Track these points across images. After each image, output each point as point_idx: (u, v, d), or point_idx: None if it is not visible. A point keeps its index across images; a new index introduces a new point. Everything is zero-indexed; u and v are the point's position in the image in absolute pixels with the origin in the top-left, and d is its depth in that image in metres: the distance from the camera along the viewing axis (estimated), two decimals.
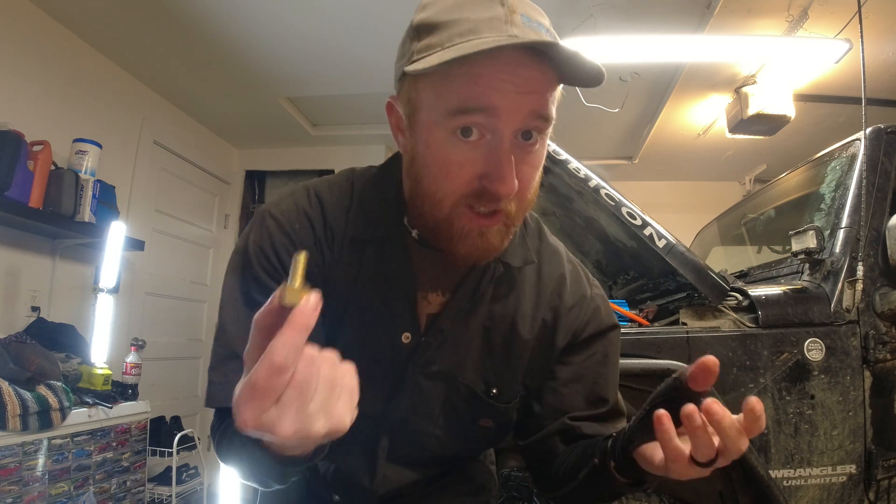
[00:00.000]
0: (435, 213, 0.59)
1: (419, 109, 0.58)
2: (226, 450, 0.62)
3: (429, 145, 0.57)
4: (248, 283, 0.65)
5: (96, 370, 2.07)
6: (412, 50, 0.56)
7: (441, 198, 0.58)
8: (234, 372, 0.61)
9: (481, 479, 0.87)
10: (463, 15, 0.54)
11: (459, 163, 0.56)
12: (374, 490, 0.74)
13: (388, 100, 0.64)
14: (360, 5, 2.30)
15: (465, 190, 0.57)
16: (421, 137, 0.58)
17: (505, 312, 0.71)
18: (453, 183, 0.56)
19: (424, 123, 0.57)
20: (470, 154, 0.55)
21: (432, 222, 0.60)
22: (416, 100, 0.58)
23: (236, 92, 3.11)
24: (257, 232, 0.67)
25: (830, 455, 1.23)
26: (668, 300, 1.55)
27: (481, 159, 0.55)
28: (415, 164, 0.60)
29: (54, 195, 2.14)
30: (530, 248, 0.72)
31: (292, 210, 0.68)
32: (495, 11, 0.53)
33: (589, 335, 0.73)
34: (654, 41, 2.31)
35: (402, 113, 0.61)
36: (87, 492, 1.84)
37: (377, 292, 0.68)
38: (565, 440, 0.71)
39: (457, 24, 0.53)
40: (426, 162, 0.58)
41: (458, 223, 0.58)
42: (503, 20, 0.53)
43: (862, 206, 1.37)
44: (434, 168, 0.57)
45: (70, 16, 2.39)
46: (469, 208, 0.57)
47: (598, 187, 1.33)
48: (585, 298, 0.74)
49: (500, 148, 0.55)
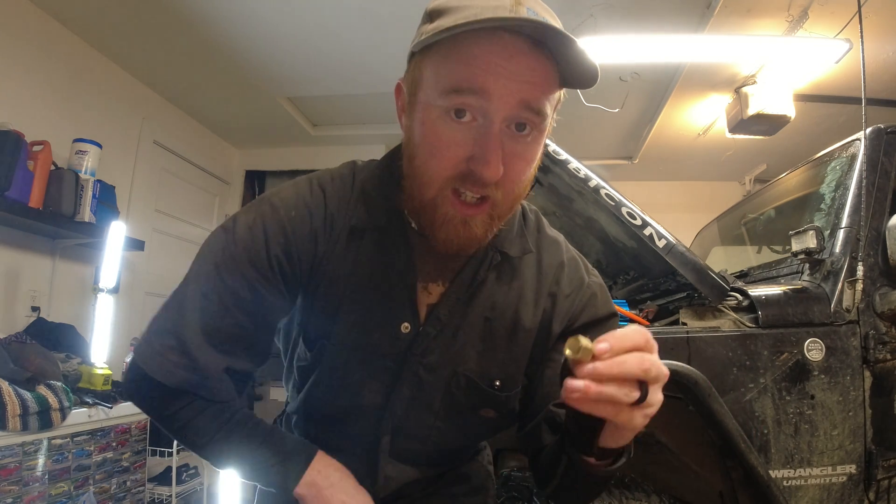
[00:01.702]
0: (422, 193, 0.60)
1: (419, 88, 0.59)
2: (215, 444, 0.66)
3: (423, 123, 0.58)
4: (226, 261, 0.64)
5: (96, 370, 2.07)
6: (421, 31, 0.58)
7: (429, 178, 0.58)
8: (171, 352, 0.63)
9: (479, 480, 0.87)
10: (472, 2, 0.54)
11: (448, 142, 0.56)
12: (375, 490, 0.74)
13: (398, 81, 0.65)
14: (361, 6, 2.30)
15: (452, 171, 0.57)
16: (417, 115, 0.59)
17: (507, 303, 0.71)
18: (441, 162, 0.57)
19: (421, 102, 0.59)
20: (460, 135, 0.56)
21: (419, 204, 0.61)
22: (417, 79, 0.59)
23: (236, 92, 3.11)
24: (251, 215, 0.66)
25: (830, 455, 1.23)
26: (668, 300, 1.55)
27: (470, 141, 0.56)
28: (410, 143, 0.61)
29: (54, 195, 2.14)
30: (529, 240, 0.72)
31: (292, 199, 0.68)
32: (502, 1, 0.54)
33: (585, 322, 0.73)
34: (654, 41, 2.30)
35: (405, 93, 0.63)
36: (87, 492, 1.84)
37: (377, 282, 0.68)
38: (552, 429, 0.71)
39: (465, 8, 0.54)
40: (419, 140, 0.59)
41: (443, 208, 0.59)
42: (507, 9, 0.53)
43: (862, 206, 1.36)
44: (425, 146, 0.58)
45: (70, 16, 2.39)
46: (455, 193, 0.58)
47: (598, 187, 1.33)
48: (582, 285, 0.74)
49: (489, 131, 0.55)
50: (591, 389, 0.45)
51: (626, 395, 0.46)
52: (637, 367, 0.46)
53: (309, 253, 0.67)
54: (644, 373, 0.46)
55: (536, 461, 0.73)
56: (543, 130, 0.59)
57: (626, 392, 0.46)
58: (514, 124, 0.56)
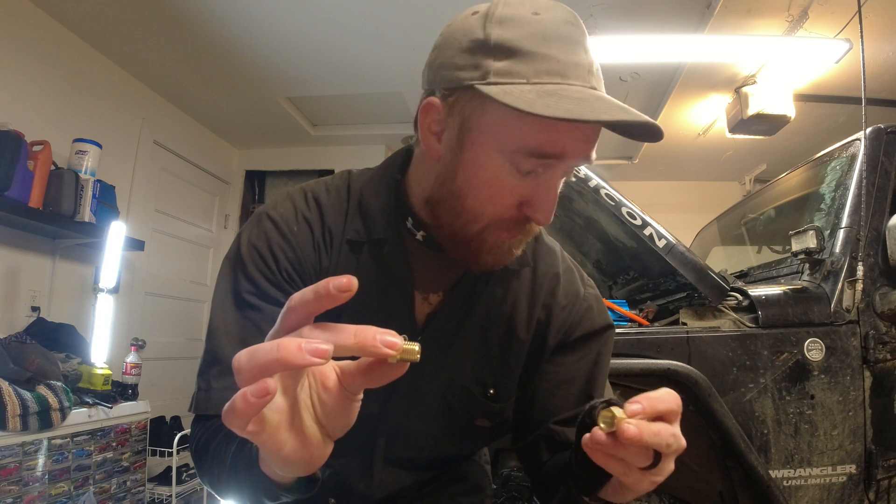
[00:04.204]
0: (468, 227, 0.60)
1: (477, 129, 0.56)
2: (210, 460, 0.58)
3: (482, 167, 0.57)
4: (240, 284, 0.64)
5: (96, 370, 2.07)
6: (488, 69, 0.53)
7: (477, 215, 0.59)
8: (217, 378, 0.60)
9: (476, 480, 0.87)
10: (550, 52, 0.53)
11: (510, 191, 0.57)
12: (370, 493, 0.74)
13: (428, 98, 0.60)
14: (361, 6, 2.30)
15: (506, 215, 0.58)
16: (471, 156, 0.57)
17: (502, 312, 0.71)
18: (498, 207, 0.58)
19: (482, 144, 0.56)
20: (521, 182, 0.57)
21: (462, 235, 0.61)
22: (476, 119, 0.56)
23: (236, 92, 3.11)
24: (254, 233, 0.66)
25: (830, 455, 1.23)
26: (668, 300, 1.55)
27: (530, 190, 0.57)
28: (456, 179, 0.59)
29: (54, 195, 2.14)
30: (527, 250, 0.72)
31: (290, 213, 0.67)
32: (580, 57, 0.54)
33: (581, 335, 0.73)
34: (654, 41, 2.30)
35: (446, 120, 0.59)
36: (87, 492, 1.84)
37: (375, 294, 0.68)
38: (550, 447, 0.71)
39: (544, 59, 0.53)
40: (474, 182, 0.58)
41: (492, 238, 0.60)
42: (587, 69, 0.54)
43: (862, 206, 1.37)
44: (483, 190, 0.58)
45: (70, 16, 2.39)
46: (503, 227, 0.60)
47: (598, 187, 1.33)
48: (578, 297, 0.74)
49: (552, 185, 0.57)
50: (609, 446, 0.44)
51: (640, 460, 0.45)
52: (661, 441, 0.44)
53: (314, 266, 0.67)
54: (666, 447, 0.45)
55: (536, 478, 0.73)
56: None
57: (641, 459, 0.45)
58: None
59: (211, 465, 0.57)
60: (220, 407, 0.59)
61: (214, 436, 0.58)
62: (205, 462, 0.59)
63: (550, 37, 0.53)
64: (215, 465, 0.56)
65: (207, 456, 0.58)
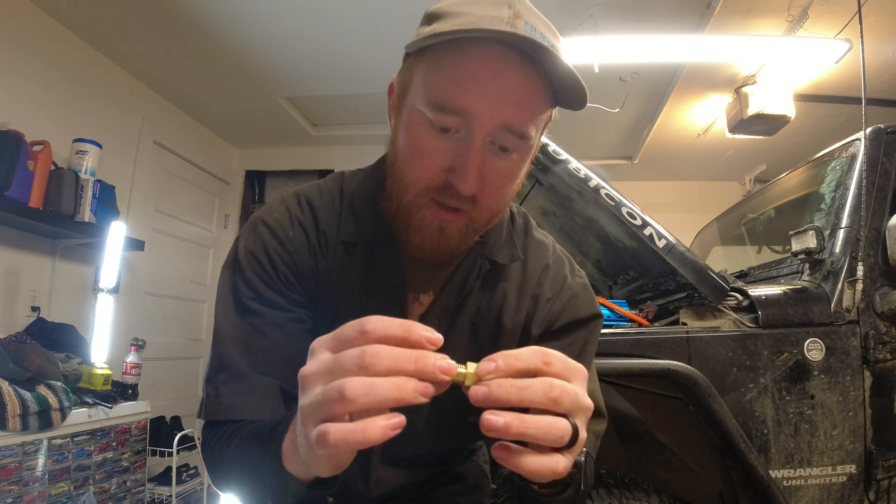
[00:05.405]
0: (401, 197, 0.60)
1: (408, 91, 0.59)
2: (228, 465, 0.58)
3: (408, 128, 0.58)
4: (240, 290, 0.64)
5: (96, 370, 2.07)
6: (418, 33, 0.57)
7: (408, 183, 0.59)
8: (225, 384, 0.60)
9: (474, 479, 0.87)
10: (471, 9, 0.54)
11: (430, 152, 0.56)
12: (368, 492, 0.74)
13: (392, 79, 0.64)
14: (360, 6, 2.30)
15: (432, 182, 0.57)
16: (403, 119, 0.59)
17: (491, 307, 0.71)
18: (421, 170, 0.57)
19: (408, 105, 0.58)
20: (442, 145, 0.56)
21: (396, 207, 0.61)
22: (408, 81, 0.59)
23: (236, 92, 3.11)
24: (250, 239, 0.66)
25: (830, 455, 1.23)
26: (668, 300, 1.55)
27: (451, 152, 0.56)
28: (395, 145, 0.61)
29: (54, 195, 2.14)
30: (517, 245, 0.72)
31: (285, 217, 0.67)
32: (500, 12, 0.53)
33: (565, 323, 0.72)
34: (654, 41, 2.30)
35: (396, 93, 0.62)
36: (87, 492, 1.84)
37: (368, 295, 0.68)
38: None
39: (463, 15, 0.54)
40: (403, 144, 0.59)
41: (419, 213, 0.59)
42: (504, 21, 0.52)
43: (862, 206, 1.37)
44: (408, 151, 0.58)
45: (70, 16, 2.39)
46: (433, 201, 0.58)
47: (598, 187, 1.33)
48: (564, 286, 0.73)
49: (469, 146, 0.55)
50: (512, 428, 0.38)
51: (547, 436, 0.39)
52: (543, 395, 0.38)
53: (311, 269, 0.67)
54: (552, 402, 0.38)
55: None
56: (528, 150, 0.59)
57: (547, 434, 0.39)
58: (497, 145, 0.56)
59: (229, 469, 0.57)
60: (231, 412, 0.59)
61: (230, 440, 0.58)
62: (222, 467, 0.59)
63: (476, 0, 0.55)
64: (233, 468, 0.56)
65: (224, 460, 0.58)
